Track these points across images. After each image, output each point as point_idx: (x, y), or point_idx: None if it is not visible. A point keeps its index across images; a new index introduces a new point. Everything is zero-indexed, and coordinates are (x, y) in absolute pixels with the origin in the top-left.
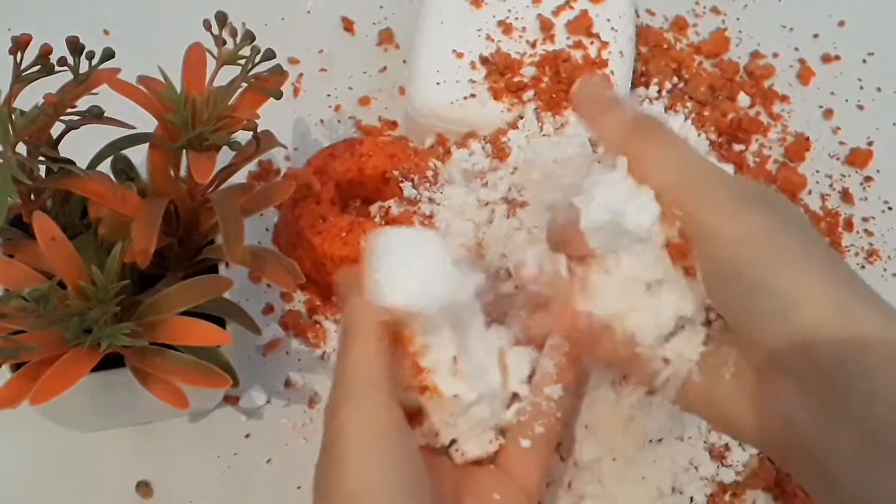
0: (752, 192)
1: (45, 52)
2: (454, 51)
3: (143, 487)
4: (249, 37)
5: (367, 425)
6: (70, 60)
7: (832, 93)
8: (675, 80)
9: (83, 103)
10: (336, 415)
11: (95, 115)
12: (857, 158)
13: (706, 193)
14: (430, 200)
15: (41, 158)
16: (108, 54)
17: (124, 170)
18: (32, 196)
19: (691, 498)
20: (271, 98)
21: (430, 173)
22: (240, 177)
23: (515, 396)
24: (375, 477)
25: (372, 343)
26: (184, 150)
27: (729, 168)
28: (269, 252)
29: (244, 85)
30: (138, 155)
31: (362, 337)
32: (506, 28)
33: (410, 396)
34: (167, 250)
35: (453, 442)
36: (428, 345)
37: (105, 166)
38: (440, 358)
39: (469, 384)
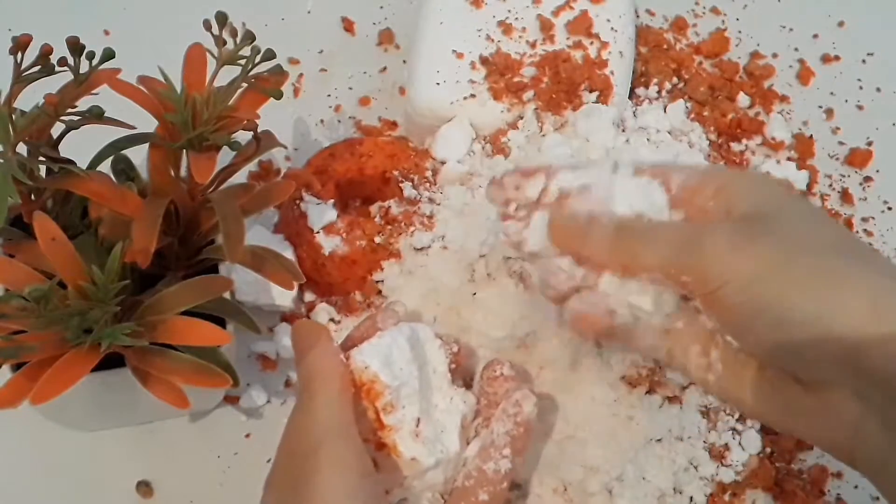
0: (745, 227)
1: (46, 52)
2: (454, 51)
3: (144, 487)
4: (250, 37)
5: (343, 472)
6: (70, 61)
7: (832, 93)
8: (675, 80)
9: (83, 103)
10: (315, 455)
11: (96, 116)
12: (857, 158)
13: (701, 252)
14: (430, 200)
15: (41, 158)
16: (109, 54)
17: (124, 170)
18: (33, 196)
19: (691, 497)
20: (271, 98)
21: (429, 173)
22: (240, 177)
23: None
24: None
25: (341, 392)
26: (184, 150)
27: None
28: (269, 252)
29: (244, 85)
30: (138, 155)
31: (332, 385)
32: (506, 28)
33: (367, 449)
34: (167, 250)
35: (402, 500)
36: (395, 402)
37: (105, 166)
38: (405, 418)
39: (428, 448)
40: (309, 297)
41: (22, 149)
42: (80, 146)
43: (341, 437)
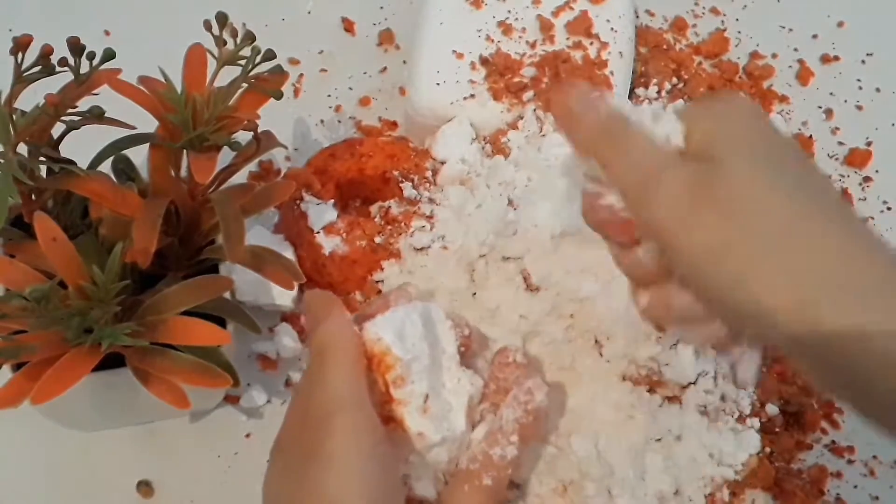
0: (702, 194)
1: (46, 52)
2: (454, 51)
3: (144, 487)
4: (250, 37)
5: (357, 438)
6: (71, 61)
7: (831, 93)
8: (675, 80)
9: (84, 104)
10: (329, 421)
11: (96, 116)
12: (856, 159)
13: (650, 207)
14: (430, 200)
15: (42, 159)
16: (109, 55)
17: (125, 170)
18: (33, 196)
19: (690, 497)
20: (272, 98)
21: (429, 173)
22: (240, 177)
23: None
24: (363, 489)
25: (355, 361)
26: (184, 151)
27: None
28: (270, 252)
29: (245, 85)
30: (139, 155)
31: (346, 354)
32: (505, 29)
33: None
34: (168, 250)
35: (403, 476)
36: (405, 376)
37: (106, 166)
38: (414, 392)
39: (435, 425)
40: None
41: (22, 149)
42: (81, 146)
43: (355, 405)
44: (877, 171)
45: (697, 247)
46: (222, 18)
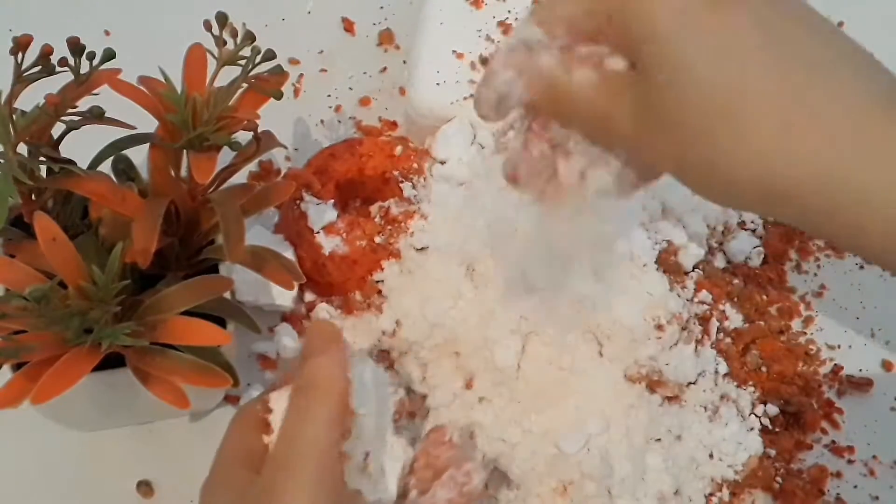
0: (650, 121)
1: (46, 52)
2: (454, 51)
3: (144, 487)
4: (250, 37)
5: (323, 494)
6: (71, 61)
7: None
8: None
9: (84, 104)
10: (297, 467)
11: (96, 116)
12: None
13: (609, 138)
14: (431, 201)
15: (42, 159)
16: (109, 55)
17: (125, 170)
18: (33, 196)
19: (690, 497)
20: (272, 98)
21: (429, 173)
22: (240, 177)
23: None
24: None
25: (340, 410)
26: (184, 151)
27: None
28: (270, 252)
29: (245, 85)
30: (139, 155)
31: (332, 399)
32: (506, 29)
33: None
34: (168, 250)
35: None
36: (352, 430)
37: (106, 166)
38: (356, 449)
39: (372, 485)
40: (309, 297)
41: (22, 149)
42: (81, 146)
43: (327, 457)
44: None
45: (665, 164)
46: (222, 18)
